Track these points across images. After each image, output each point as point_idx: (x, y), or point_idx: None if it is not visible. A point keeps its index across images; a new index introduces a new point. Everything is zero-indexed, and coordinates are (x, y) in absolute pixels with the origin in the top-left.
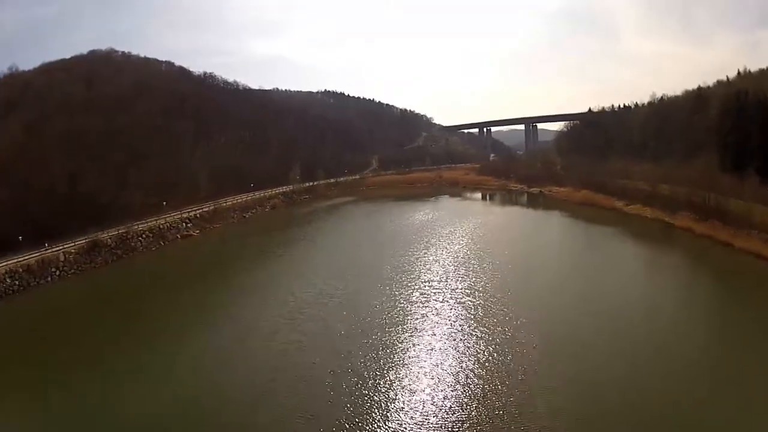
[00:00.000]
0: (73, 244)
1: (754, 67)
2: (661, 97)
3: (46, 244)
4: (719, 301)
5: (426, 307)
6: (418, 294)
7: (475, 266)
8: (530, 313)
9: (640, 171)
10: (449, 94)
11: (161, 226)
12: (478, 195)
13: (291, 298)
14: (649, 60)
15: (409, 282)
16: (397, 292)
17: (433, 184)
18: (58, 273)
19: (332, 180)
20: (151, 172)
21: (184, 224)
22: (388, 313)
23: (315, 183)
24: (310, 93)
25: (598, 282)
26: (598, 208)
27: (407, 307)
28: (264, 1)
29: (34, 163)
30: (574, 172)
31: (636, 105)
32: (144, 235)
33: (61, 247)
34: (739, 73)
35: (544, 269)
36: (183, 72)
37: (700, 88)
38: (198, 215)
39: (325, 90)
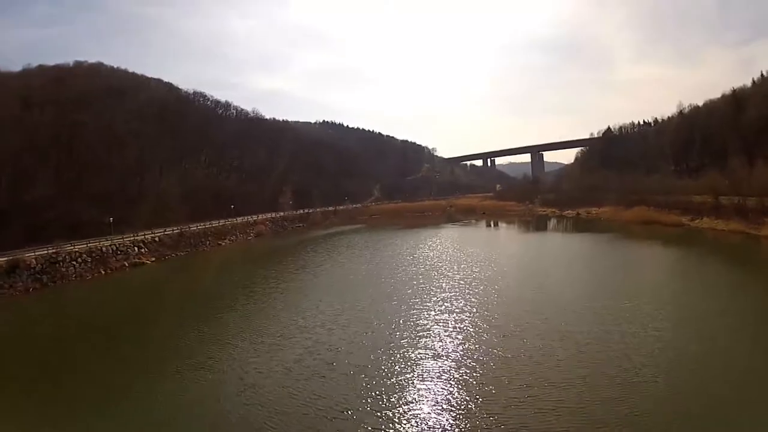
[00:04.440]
0: None
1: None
2: (680, 110)
3: None
4: None
5: None
6: None
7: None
8: None
9: (688, 184)
10: (448, 126)
11: (104, 249)
12: (504, 223)
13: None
14: (642, 85)
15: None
16: None
17: (446, 212)
18: None
19: (331, 208)
20: (112, 184)
21: (136, 249)
22: None
23: (310, 210)
24: (307, 123)
25: None
26: (662, 226)
27: None
28: (265, 37)
29: None
30: (610, 190)
31: (656, 120)
32: (80, 259)
33: None
34: (762, 75)
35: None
36: (170, 87)
37: (734, 90)
38: (158, 239)
39: (323, 121)
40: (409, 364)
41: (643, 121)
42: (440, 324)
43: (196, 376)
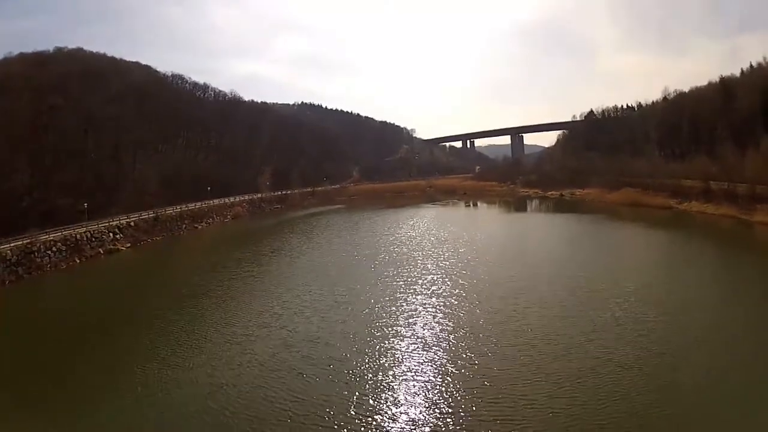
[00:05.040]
0: None
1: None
2: (665, 96)
3: None
4: None
5: None
6: None
7: None
8: None
9: (676, 168)
10: (428, 109)
11: (79, 237)
12: (485, 203)
13: None
14: (627, 75)
15: None
16: None
17: (426, 192)
18: None
19: (309, 189)
20: (88, 170)
21: (111, 235)
22: None
23: (288, 192)
24: (286, 105)
25: None
26: (650, 209)
27: None
28: (242, 24)
29: None
30: (595, 172)
31: (639, 105)
32: (55, 248)
33: None
34: (751, 65)
35: None
36: (148, 70)
37: (723, 78)
38: (133, 224)
39: (302, 102)
40: (395, 356)
41: (627, 105)
42: (426, 310)
43: (162, 375)
